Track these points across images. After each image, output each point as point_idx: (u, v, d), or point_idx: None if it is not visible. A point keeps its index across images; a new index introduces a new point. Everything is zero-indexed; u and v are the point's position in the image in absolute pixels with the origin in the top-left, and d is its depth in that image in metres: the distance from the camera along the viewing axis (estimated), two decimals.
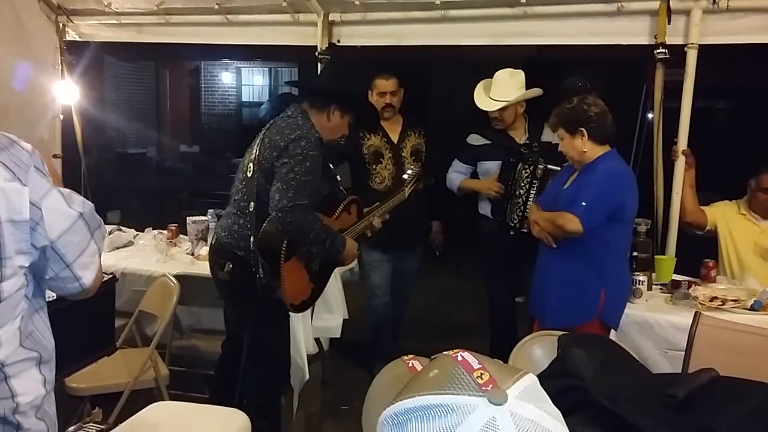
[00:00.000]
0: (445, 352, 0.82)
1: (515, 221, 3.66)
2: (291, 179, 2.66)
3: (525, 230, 3.57)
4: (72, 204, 1.40)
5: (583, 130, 2.84)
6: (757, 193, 3.50)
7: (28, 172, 1.31)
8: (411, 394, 0.76)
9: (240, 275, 2.87)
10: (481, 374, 0.76)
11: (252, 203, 2.79)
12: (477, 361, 0.78)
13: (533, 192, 3.60)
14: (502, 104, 3.74)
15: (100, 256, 1.51)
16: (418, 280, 4.47)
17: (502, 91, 3.78)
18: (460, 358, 0.79)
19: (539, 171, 3.62)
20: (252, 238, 2.77)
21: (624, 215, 2.87)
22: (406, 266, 4.22)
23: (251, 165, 2.83)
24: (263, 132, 2.89)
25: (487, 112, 3.86)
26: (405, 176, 3.58)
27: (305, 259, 2.89)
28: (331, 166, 3.13)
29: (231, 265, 2.88)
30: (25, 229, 1.29)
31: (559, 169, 3.52)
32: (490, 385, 0.74)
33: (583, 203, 2.75)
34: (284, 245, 2.74)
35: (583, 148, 2.86)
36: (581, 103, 2.89)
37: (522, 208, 3.64)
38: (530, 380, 0.78)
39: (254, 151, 2.85)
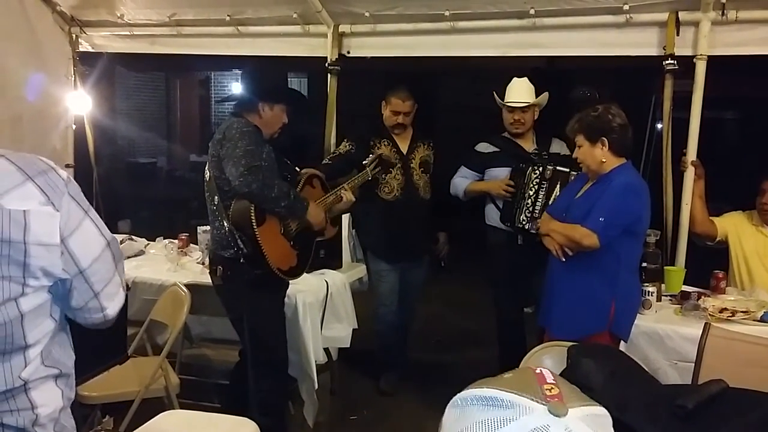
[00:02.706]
0: (532, 366, 0.88)
1: (524, 222, 3.66)
2: (238, 152, 2.84)
3: (534, 231, 3.58)
4: (103, 231, 1.42)
5: (605, 139, 2.82)
6: (759, 198, 3.49)
7: (63, 198, 1.33)
8: (482, 386, 0.82)
9: (231, 275, 3.03)
10: (551, 388, 0.79)
11: (216, 197, 3.00)
12: (552, 378, 0.82)
13: (542, 193, 3.61)
14: (531, 102, 3.82)
15: (124, 288, 1.53)
16: (425, 290, 4.48)
17: (520, 95, 3.84)
18: (538, 371, 0.84)
19: (548, 172, 3.62)
20: (225, 223, 2.94)
21: (639, 228, 2.86)
22: (412, 276, 4.24)
23: (207, 171, 3.07)
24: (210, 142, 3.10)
25: (496, 122, 3.91)
26: (365, 162, 3.73)
27: (279, 223, 3.02)
28: (287, 161, 3.24)
29: (221, 268, 3.05)
30: (55, 253, 1.31)
31: (568, 170, 3.53)
32: (556, 399, 0.77)
33: (601, 218, 2.72)
34: (252, 211, 2.88)
35: (602, 158, 2.84)
36: (606, 112, 2.86)
37: (531, 209, 3.65)
38: (601, 412, 0.81)
39: (208, 160, 3.08)
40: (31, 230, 1.28)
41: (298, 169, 3.28)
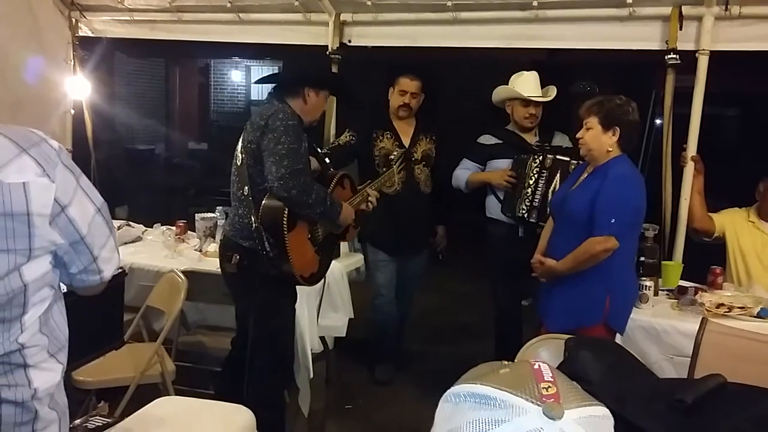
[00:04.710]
0: (530, 360, 0.84)
1: (524, 211, 3.67)
2: (281, 150, 2.73)
3: (533, 220, 3.60)
4: (93, 198, 1.45)
5: (618, 129, 2.82)
6: (766, 194, 3.48)
7: (57, 168, 1.35)
8: (476, 381, 0.79)
9: (246, 266, 2.93)
10: (548, 387, 0.77)
11: (246, 187, 2.87)
12: (550, 375, 0.79)
13: (542, 182, 3.62)
14: (552, 97, 3.82)
15: (118, 252, 1.56)
16: (424, 282, 4.48)
17: (537, 89, 3.84)
18: (536, 367, 0.81)
19: (548, 161, 3.63)
20: (253, 218, 2.83)
21: (637, 219, 2.87)
22: (411, 268, 4.24)
23: (240, 154, 2.92)
24: (247, 123, 2.99)
25: (499, 114, 3.94)
26: (391, 157, 3.66)
27: (308, 228, 2.95)
28: (318, 149, 3.20)
29: (238, 257, 2.94)
30: (46, 222, 1.34)
31: (568, 159, 3.53)
32: (552, 399, 0.75)
33: (613, 220, 2.72)
34: (285, 215, 2.80)
35: (609, 147, 2.84)
36: (628, 104, 2.87)
37: (531, 198, 3.65)
38: (601, 412, 0.78)
39: (240, 140, 2.95)
40: (32, 201, 1.30)
41: (328, 160, 3.21)
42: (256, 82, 8.62)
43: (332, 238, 3.16)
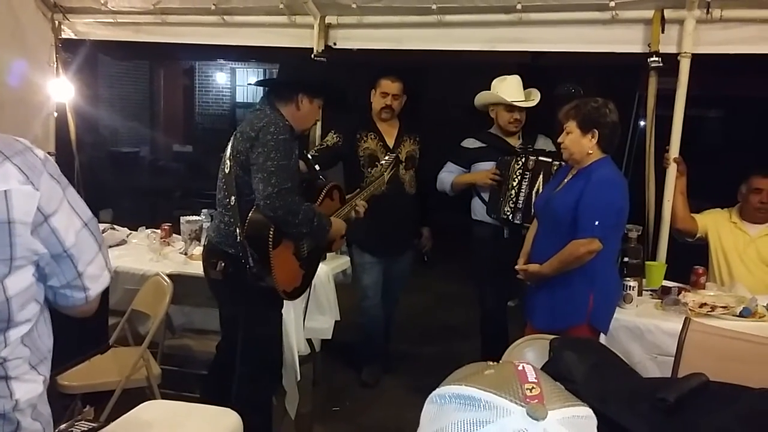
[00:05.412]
0: (514, 361, 0.85)
1: (509, 213, 3.70)
2: (269, 166, 2.69)
3: (518, 221, 3.62)
4: (79, 212, 1.41)
5: (596, 131, 2.83)
6: (748, 196, 3.53)
7: (41, 177, 1.33)
8: (461, 383, 0.80)
9: (232, 273, 2.89)
10: (532, 388, 0.77)
11: (233, 197, 2.83)
12: (534, 375, 0.80)
13: (525, 183, 3.64)
14: (536, 101, 3.85)
15: (109, 270, 1.51)
16: (410, 282, 4.49)
17: (520, 94, 3.86)
18: (520, 368, 0.81)
19: (531, 162, 3.66)
20: (238, 230, 2.79)
21: (620, 221, 2.90)
22: (396, 269, 4.25)
23: (228, 161, 2.88)
24: (237, 128, 2.94)
25: (482, 117, 3.95)
26: (382, 162, 3.59)
27: (294, 244, 2.92)
28: (309, 155, 3.18)
29: (223, 264, 2.90)
30: (27, 231, 1.31)
31: (551, 160, 3.56)
32: (536, 400, 0.76)
33: (596, 222, 2.74)
34: (271, 232, 2.77)
35: (590, 149, 2.85)
36: (605, 106, 2.88)
37: (515, 199, 3.68)
38: (584, 412, 0.79)
39: (229, 147, 2.90)
40: (14, 209, 1.28)
41: (317, 167, 3.16)
42: (251, 85, 8.58)
43: (318, 251, 3.13)
